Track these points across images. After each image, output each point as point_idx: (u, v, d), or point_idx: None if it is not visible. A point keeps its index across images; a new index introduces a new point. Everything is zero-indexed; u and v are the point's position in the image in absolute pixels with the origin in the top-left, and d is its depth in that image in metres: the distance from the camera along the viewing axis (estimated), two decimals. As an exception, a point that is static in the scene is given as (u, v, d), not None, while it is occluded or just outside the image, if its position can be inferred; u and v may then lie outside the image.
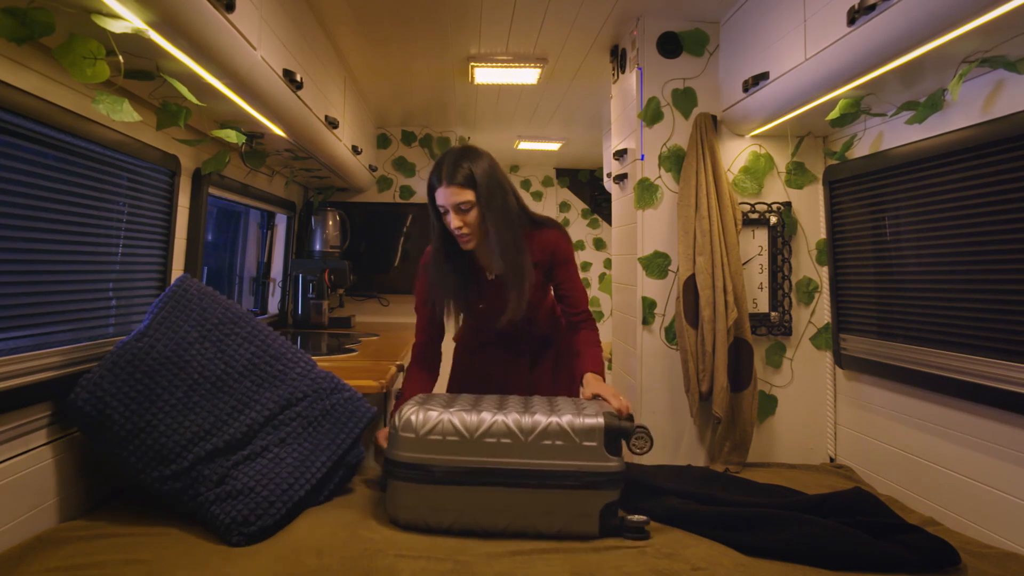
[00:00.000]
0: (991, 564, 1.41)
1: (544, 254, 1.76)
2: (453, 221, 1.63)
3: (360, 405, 1.64)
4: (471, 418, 1.43)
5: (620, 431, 1.44)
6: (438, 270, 1.72)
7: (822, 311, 2.36)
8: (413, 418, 1.44)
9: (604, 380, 1.74)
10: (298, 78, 1.88)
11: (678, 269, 2.27)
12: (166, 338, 1.51)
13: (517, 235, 1.68)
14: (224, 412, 1.50)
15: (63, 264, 1.46)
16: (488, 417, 1.43)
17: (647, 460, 2.33)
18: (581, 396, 1.73)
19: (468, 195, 1.62)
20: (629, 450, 1.46)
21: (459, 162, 1.62)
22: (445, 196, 1.62)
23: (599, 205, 5.46)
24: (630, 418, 1.52)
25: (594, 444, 1.41)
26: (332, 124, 2.47)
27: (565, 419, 1.43)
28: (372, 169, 3.73)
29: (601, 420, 1.43)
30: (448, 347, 1.90)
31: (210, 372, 1.52)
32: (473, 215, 1.63)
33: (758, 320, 2.34)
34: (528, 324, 1.85)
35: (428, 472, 1.41)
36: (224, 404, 1.51)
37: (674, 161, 2.37)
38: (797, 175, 2.37)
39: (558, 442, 1.41)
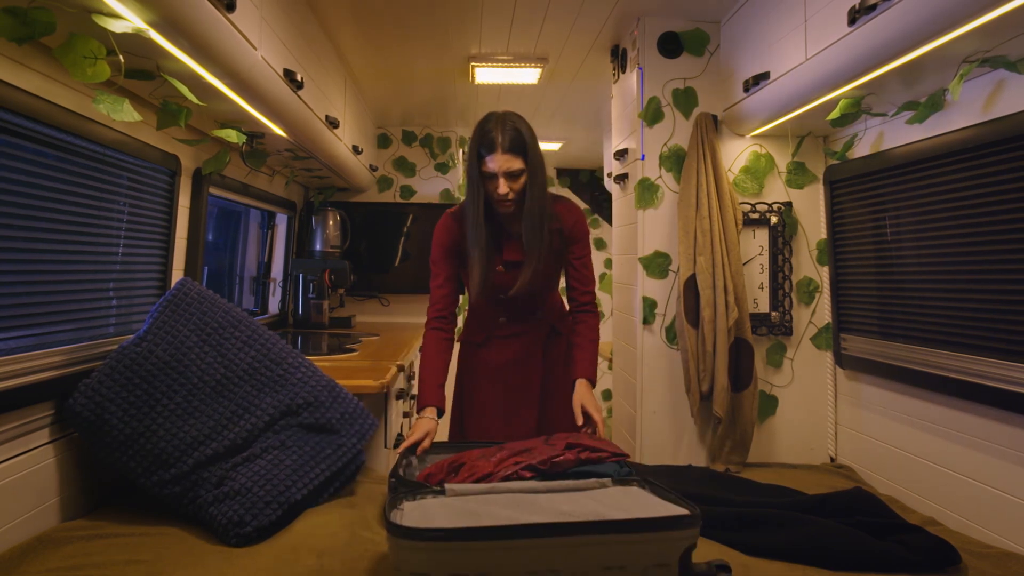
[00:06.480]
0: (991, 564, 1.41)
1: (567, 223, 1.81)
2: (501, 187, 1.66)
3: (361, 418, 1.63)
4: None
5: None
6: (475, 223, 1.73)
7: (823, 311, 2.36)
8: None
9: (595, 382, 1.76)
10: (299, 78, 1.88)
11: (679, 269, 2.27)
12: (165, 342, 1.51)
13: (546, 202, 1.75)
14: (224, 417, 1.50)
15: (63, 264, 1.45)
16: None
17: (647, 460, 2.33)
18: (574, 404, 1.71)
19: (519, 163, 1.67)
20: None
21: (513, 130, 1.67)
22: (498, 163, 1.65)
23: (599, 205, 5.45)
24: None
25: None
26: (332, 124, 2.46)
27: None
28: (372, 169, 3.73)
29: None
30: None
31: (210, 376, 1.52)
32: (520, 182, 1.69)
33: (759, 320, 2.34)
34: (536, 305, 1.86)
35: None
36: (224, 408, 1.51)
37: (675, 161, 2.37)
38: (798, 175, 2.37)
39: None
